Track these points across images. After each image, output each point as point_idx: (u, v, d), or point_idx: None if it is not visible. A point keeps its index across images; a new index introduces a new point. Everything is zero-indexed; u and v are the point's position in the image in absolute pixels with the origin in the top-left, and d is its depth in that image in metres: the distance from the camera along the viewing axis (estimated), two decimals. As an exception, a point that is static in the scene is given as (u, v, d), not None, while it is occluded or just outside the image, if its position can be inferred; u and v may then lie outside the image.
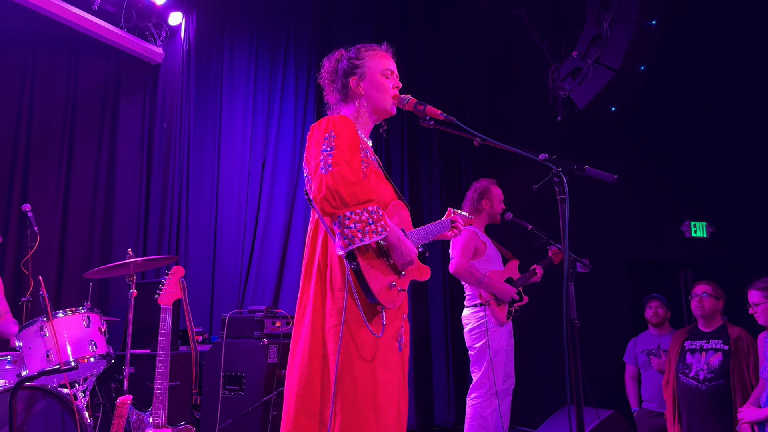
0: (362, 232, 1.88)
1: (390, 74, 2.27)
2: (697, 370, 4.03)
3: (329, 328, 1.97)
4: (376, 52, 2.28)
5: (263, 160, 5.56)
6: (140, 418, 3.15)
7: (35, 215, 4.04)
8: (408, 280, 2.11)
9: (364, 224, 1.89)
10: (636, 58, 5.01)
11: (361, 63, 2.24)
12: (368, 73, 2.23)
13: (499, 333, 3.94)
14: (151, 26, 5.30)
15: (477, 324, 3.95)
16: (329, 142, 1.99)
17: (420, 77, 6.24)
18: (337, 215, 1.90)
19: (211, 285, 5.19)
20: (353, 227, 1.88)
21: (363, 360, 1.94)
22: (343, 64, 2.25)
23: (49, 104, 4.94)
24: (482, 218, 4.17)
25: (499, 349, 3.91)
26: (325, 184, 1.89)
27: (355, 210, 1.90)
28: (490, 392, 3.84)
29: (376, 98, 2.23)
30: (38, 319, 3.23)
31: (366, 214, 1.91)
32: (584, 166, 1.88)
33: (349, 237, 1.88)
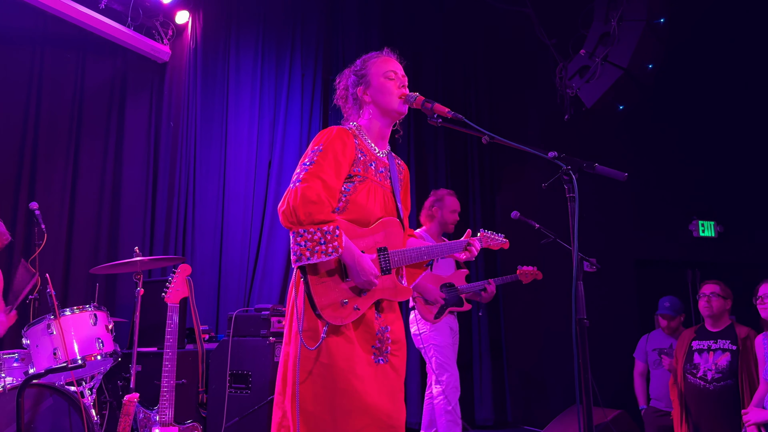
0: (311, 251, 1.96)
1: (393, 75, 2.30)
2: (705, 370, 4.00)
3: (294, 333, 2.06)
4: (378, 57, 2.35)
5: (269, 159, 5.56)
6: (147, 416, 3.15)
7: (42, 213, 4.04)
8: (371, 300, 2.13)
9: (315, 243, 1.96)
10: (644, 56, 4.98)
11: (365, 72, 2.31)
12: (372, 79, 2.29)
13: (440, 329, 4.11)
14: (158, 25, 5.30)
15: (415, 327, 4.18)
16: (313, 155, 2.08)
17: (427, 76, 6.22)
18: (292, 231, 2.00)
19: (218, 283, 5.19)
20: (303, 245, 1.97)
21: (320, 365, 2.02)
22: (351, 79, 2.34)
23: (56, 103, 4.95)
24: (434, 225, 4.33)
25: (443, 345, 4.08)
26: (288, 198, 2.00)
27: (308, 228, 1.97)
28: (450, 386, 4.00)
29: (382, 101, 2.27)
30: (45, 317, 3.24)
31: (319, 234, 1.97)
32: (594, 164, 1.86)
33: (298, 254, 1.98)
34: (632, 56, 4.90)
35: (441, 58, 6.34)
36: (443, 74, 6.33)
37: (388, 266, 2.17)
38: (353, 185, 2.16)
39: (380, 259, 2.17)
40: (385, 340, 2.16)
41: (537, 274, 4.36)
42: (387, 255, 2.18)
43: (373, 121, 2.30)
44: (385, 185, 2.29)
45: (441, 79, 6.31)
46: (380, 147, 2.32)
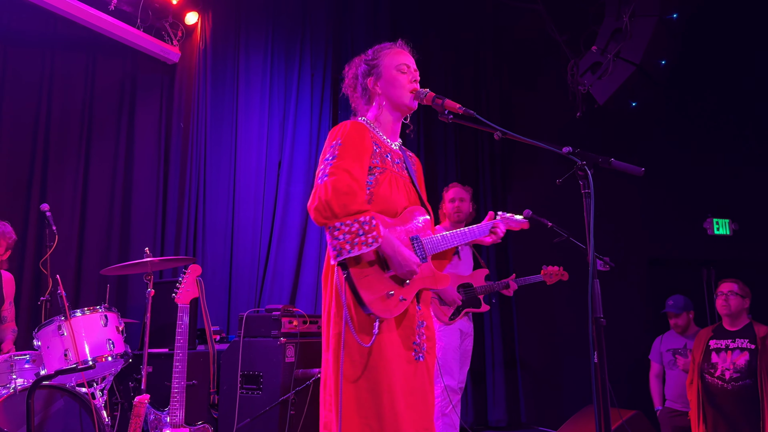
0: (350, 244, 1.89)
1: (406, 69, 2.26)
2: (723, 370, 3.94)
3: (333, 335, 1.99)
4: (391, 49, 2.29)
5: (279, 160, 5.54)
6: (158, 418, 3.14)
7: (54, 215, 4.05)
8: (415, 290, 2.08)
9: (354, 235, 1.90)
10: (657, 52, 4.92)
11: (377, 62, 2.26)
12: (383, 71, 2.24)
13: (446, 332, 4.04)
14: (167, 26, 5.30)
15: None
16: (333, 150, 2.03)
17: (436, 73, 6.19)
18: (328, 226, 1.93)
19: (229, 284, 5.19)
20: (342, 238, 1.90)
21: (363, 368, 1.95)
22: (362, 68, 2.28)
23: (66, 104, 4.97)
24: (447, 221, 4.35)
25: (448, 347, 4.01)
26: (318, 194, 1.94)
27: (344, 221, 1.91)
28: (449, 389, 3.93)
29: (393, 94, 2.22)
30: (56, 318, 3.24)
31: (356, 225, 1.91)
32: (610, 159, 1.82)
33: (338, 248, 1.91)
34: (645, 52, 4.84)
35: (451, 56, 6.30)
36: (453, 72, 6.30)
37: (423, 254, 2.12)
38: (374, 177, 2.10)
39: (414, 247, 2.11)
40: (422, 335, 2.11)
41: (563, 274, 4.28)
42: (421, 242, 2.13)
43: (383, 114, 2.25)
44: (404, 175, 2.25)
45: (451, 77, 6.28)
46: (392, 140, 2.27)
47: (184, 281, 3.34)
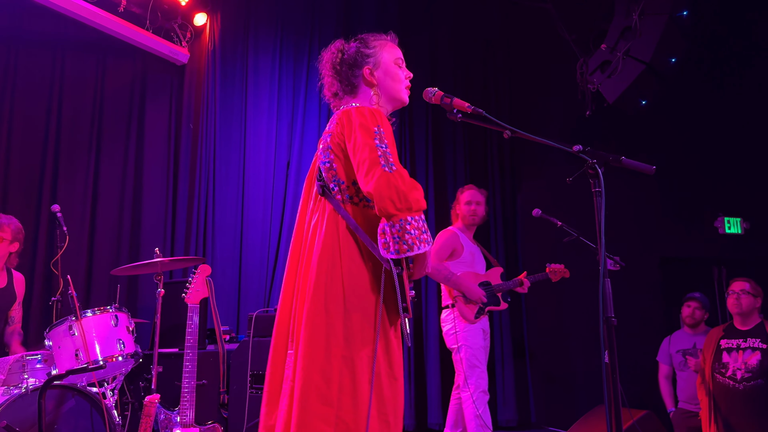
0: (419, 240, 1.84)
1: (401, 63, 2.24)
2: (734, 370, 3.92)
3: (354, 337, 1.89)
4: (386, 41, 2.24)
5: (288, 160, 5.55)
6: (168, 417, 3.15)
7: (64, 216, 4.08)
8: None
9: (420, 232, 1.85)
10: (667, 50, 4.88)
11: (373, 52, 2.18)
12: (382, 62, 2.18)
13: (473, 330, 4.03)
14: (176, 27, 5.32)
15: (450, 325, 4.09)
16: (380, 137, 1.93)
17: (444, 72, 6.18)
18: (399, 218, 1.83)
19: (238, 284, 5.20)
20: (413, 233, 1.83)
21: (390, 366, 1.93)
22: (350, 54, 2.17)
23: (77, 106, 5.00)
24: (461, 223, 4.34)
25: (476, 348, 4.00)
26: (392, 183, 1.82)
27: (415, 216, 1.85)
28: (478, 391, 3.91)
29: (391, 87, 2.18)
30: (67, 318, 3.26)
31: (421, 222, 1.87)
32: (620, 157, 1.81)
33: (409, 243, 1.82)
34: (655, 50, 4.80)
35: (459, 55, 6.28)
36: (462, 71, 6.28)
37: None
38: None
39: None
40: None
41: (565, 272, 4.37)
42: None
43: (375, 104, 2.16)
44: None
45: (460, 76, 6.26)
46: None
47: (193, 281, 3.36)
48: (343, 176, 2.01)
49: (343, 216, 1.97)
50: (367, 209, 1.99)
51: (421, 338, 5.61)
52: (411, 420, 5.37)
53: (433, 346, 5.55)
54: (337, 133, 2.02)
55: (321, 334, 1.89)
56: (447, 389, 5.52)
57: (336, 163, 2.02)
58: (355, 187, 2.00)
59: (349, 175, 2.00)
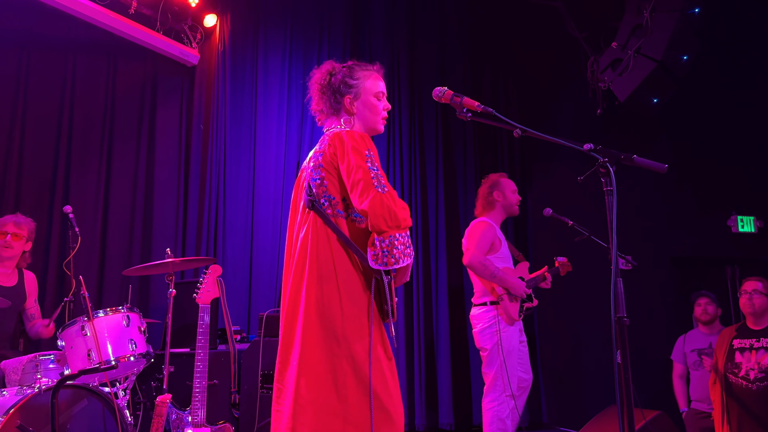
0: (404, 254, 2.07)
1: (381, 96, 2.37)
2: (747, 370, 3.88)
3: (352, 332, 2.08)
4: (370, 73, 2.38)
5: (298, 160, 5.56)
6: (179, 417, 3.17)
7: (76, 217, 4.11)
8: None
9: (405, 247, 2.07)
10: (678, 47, 4.85)
11: (356, 83, 2.33)
12: (362, 93, 2.34)
13: (511, 332, 3.83)
14: (187, 28, 5.34)
15: (489, 324, 3.83)
16: (372, 160, 2.13)
17: (453, 72, 6.16)
18: (389, 234, 2.04)
19: (249, 284, 5.21)
20: (400, 248, 2.05)
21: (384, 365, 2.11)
22: (336, 79, 2.33)
23: (88, 108, 5.04)
24: (497, 212, 4.09)
25: (512, 349, 3.80)
26: (385, 203, 2.04)
27: (402, 233, 2.07)
28: (505, 394, 3.73)
29: (368, 118, 2.35)
30: (79, 318, 3.28)
31: (407, 239, 2.09)
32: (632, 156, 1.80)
33: (396, 257, 2.05)
34: (666, 48, 4.77)
35: (468, 54, 6.27)
36: (471, 70, 6.26)
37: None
38: None
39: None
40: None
41: (568, 266, 4.28)
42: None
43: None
44: None
45: (469, 76, 6.24)
46: None
47: (204, 281, 3.37)
48: (335, 192, 2.19)
49: (333, 229, 2.15)
50: (355, 223, 2.18)
51: (432, 338, 5.60)
52: (422, 420, 5.36)
53: (443, 347, 5.55)
54: (329, 153, 2.21)
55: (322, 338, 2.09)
56: (458, 389, 5.52)
57: (327, 180, 2.20)
58: (345, 203, 2.19)
59: (340, 192, 2.19)
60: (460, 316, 5.71)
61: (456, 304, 5.71)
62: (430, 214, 5.81)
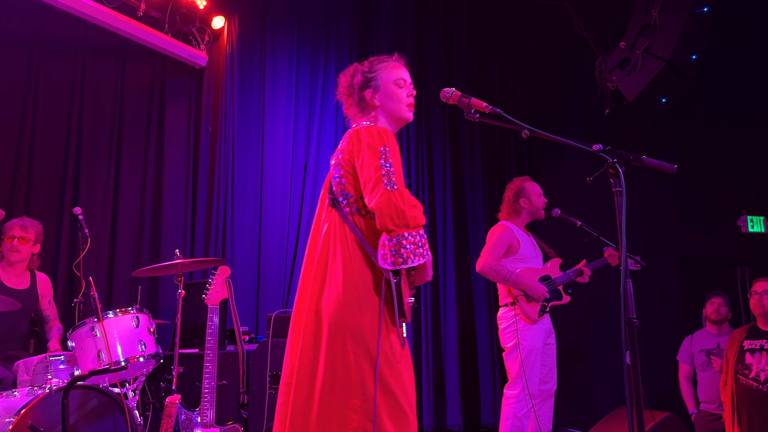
0: (414, 254, 2.03)
1: (403, 83, 2.36)
2: (758, 371, 3.86)
3: (368, 331, 2.07)
4: (388, 63, 2.40)
5: (305, 161, 5.57)
6: (189, 418, 3.18)
7: (86, 218, 4.14)
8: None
9: (416, 246, 2.03)
10: (687, 47, 4.82)
11: (375, 75, 2.35)
12: (382, 84, 2.34)
13: (532, 332, 3.85)
14: (195, 30, 5.36)
15: (509, 323, 3.90)
16: (386, 157, 2.11)
17: (462, 72, 6.16)
18: (396, 233, 2.02)
19: (257, 285, 5.23)
20: (409, 248, 2.01)
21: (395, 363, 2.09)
22: (358, 78, 2.37)
23: (97, 110, 5.06)
24: (523, 217, 4.10)
25: (533, 349, 3.81)
26: (392, 201, 2.02)
27: (412, 232, 2.03)
28: (524, 393, 3.75)
29: (392, 108, 2.33)
30: (89, 319, 3.30)
31: (418, 237, 2.05)
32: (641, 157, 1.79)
33: (404, 257, 2.01)
34: (675, 47, 4.74)
35: (477, 55, 6.26)
36: (479, 71, 6.26)
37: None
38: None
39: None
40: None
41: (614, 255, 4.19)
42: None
43: (382, 125, 2.33)
44: None
45: (477, 76, 6.24)
46: None
47: (213, 282, 3.38)
48: (352, 191, 2.19)
49: (350, 227, 2.15)
50: (373, 221, 2.13)
51: (440, 339, 5.60)
52: (430, 421, 5.36)
53: (451, 347, 5.54)
54: (347, 150, 2.22)
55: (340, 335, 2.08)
56: (466, 390, 5.51)
57: (345, 178, 2.21)
58: (362, 201, 2.17)
59: (358, 190, 2.18)
60: (467, 317, 5.71)
61: (463, 305, 5.71)
62: (437, 214, 5.81)
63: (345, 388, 2.04)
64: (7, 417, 2.74)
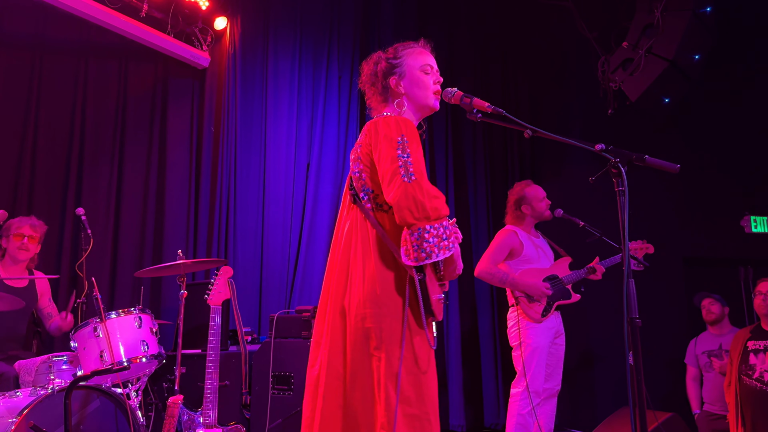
0: (438, 248, 1.91)
1: (430, 69, 2.24)
2: (762, 372, 3.85)
3: (389, 334, 1.96)
4: (414, 49, 2.27)
5: (308, 162, 5.57)
6: (191, 418, 3.18)
7: (89, 219, 4.15)
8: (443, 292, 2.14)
9: (440, 239, 1.91)
10: (690, 47, 4.81)
11: (400, 62, 2.23)
12: (407, 71, 2.22)
13: (537, 331, 3.87)
14: (197, 31, 5.37)
15: (513, 323, 3.96)
16: (403, 147, 2.00)
17: (464, 72, 6.15)
18: (417, 227, 1.90)
19: (259, 285, 5.23)
20: (432, 242, 1.90)
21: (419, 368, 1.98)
22: (382, 65, 2.24)
23: (100, 110, 5.07)
24: (527, 222, 4.12)
25: (537, 347, 3.84)
26: (409, 193, 1.90)
27: (434, 224, 1.91)
28: (526, 391, 3.78)
29: (418, 95, 2.22)
30: (92, 320, 3.30)
31: (442, 230, 1.93)
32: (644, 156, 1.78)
33: (427, 251, 1.89)
34: (678, 47, 4.73)
35: (479, 55, 6.26)
36: (481, 71, 6.25)
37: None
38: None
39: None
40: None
41: (648, 247, 4.17)
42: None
43: (406, 114, 2.22)
44: None
45: (479, 76, 6.23)
46: None
47: (216, 283, 3.38)
48: (373, 186, 2.09)
49: (372, 224, 2.05)
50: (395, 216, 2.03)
51: (442, 339, 5.60)
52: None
53: (454, 348, 5.54)
54: (365, 143, 2.10)
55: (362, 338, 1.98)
56: (469, 391, 5.51)
57: (365, 173, 2.10)
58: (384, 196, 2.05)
59: (378, 185, 2.06)
60: (471, 318, 5.70)
61: (467, 305, 5.70)
62: (440, 215, 5.80)
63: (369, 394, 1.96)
64: (10, 417, 2.74)
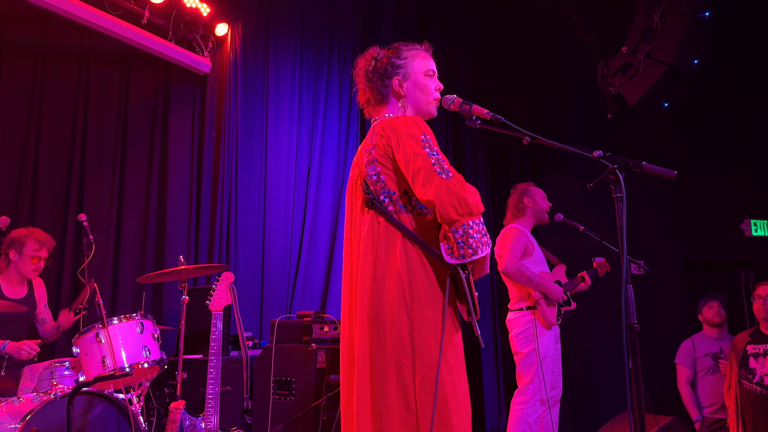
0: (481, 243, 1.88)
1: (432, 74, 2.22)
2: (762, 375, 3.85)
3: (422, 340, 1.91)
4: (418, 51, 2.24)
5: (309, 167, 5.59)
6: (193, 423, 3.19)
7: (90, 225, 4.16)
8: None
9: (482, 235, 1.89)
10: (689, 51, 4.83)
11: (404, 63, 2.19)
12: (412, 73, 2.19)
13: (547, 337, 3.85)
14: (198, 37, 5.39)
15: (524, 328, 3.87)
16: (429, 144, 1.96)
17: (463, 78, 6.18)
18: (461, 223, 1.86)
19: (261, 290, 5.23)
20: (476, 237, 1.87)
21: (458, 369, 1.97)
22: (382, 63, 2.19)
23: (102, 117, 5.08)
24: (528, 218, 4.10)
25: (547, 355, 3.81)
26: (452, 189, 1.86)
27: (476, 220, 1.88)
28: (536, 399, 3.75)
29: (419, 99, 2.19)
30: (94, 326, 3.32)
31: (481, 225, 1.90)
32: (641, 163, 1.80)
33: (474, 247, 1.85)
34: (677, 52, 4.76)
35: (478, 60, 6.28)
36: (480, 75, 6.28)
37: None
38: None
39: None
40: None
41: (607, 265, 4.26)
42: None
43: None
44: None
45: (478, 80, 6.26)
46: None
47: (217, 288, 3.40)
48: (394, 187, 2.02)
49: (398, 227, 1.98)
50: (421, 216, 2.01)
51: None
52: None
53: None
54: (382, 144, 2.04)
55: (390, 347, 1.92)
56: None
57: (384, 175, 2.03)
58: (407, 197, 2.01)
59: (400, 185, 2.02)
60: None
61: (467, 309, 5.70)
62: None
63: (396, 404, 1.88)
64: (12, 423, 2.76)
